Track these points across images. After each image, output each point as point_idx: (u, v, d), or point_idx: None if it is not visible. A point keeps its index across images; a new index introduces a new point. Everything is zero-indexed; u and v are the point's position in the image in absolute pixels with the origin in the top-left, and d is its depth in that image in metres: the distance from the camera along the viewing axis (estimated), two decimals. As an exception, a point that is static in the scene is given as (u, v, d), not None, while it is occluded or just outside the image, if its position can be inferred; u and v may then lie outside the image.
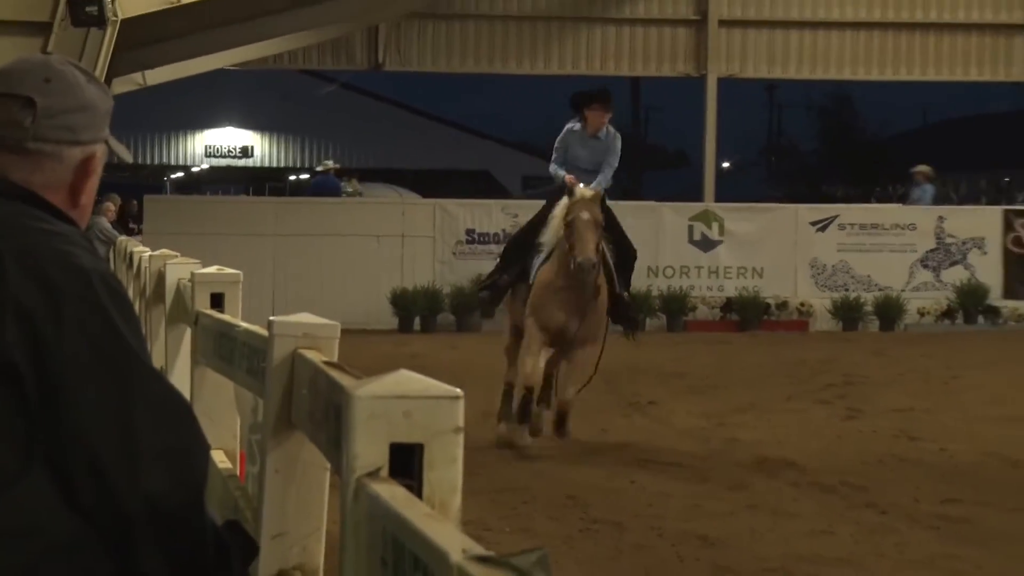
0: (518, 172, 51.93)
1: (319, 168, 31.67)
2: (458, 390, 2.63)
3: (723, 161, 33.87)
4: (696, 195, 30.15)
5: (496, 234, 25.82)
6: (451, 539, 2.15)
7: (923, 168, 28.94)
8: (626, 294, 13.74)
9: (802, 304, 25.94)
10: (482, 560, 2.03)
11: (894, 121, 74.99)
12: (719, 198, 29.67)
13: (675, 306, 25.48)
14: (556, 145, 13.86)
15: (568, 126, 13.84)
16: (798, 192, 53.16)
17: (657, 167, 69.81)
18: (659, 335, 24.45)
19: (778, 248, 26.16)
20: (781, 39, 31.48)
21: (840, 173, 69.59)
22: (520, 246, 13.82)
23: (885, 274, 26.22)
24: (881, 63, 31.83)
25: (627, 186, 61.84)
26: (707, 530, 9.79)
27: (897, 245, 26.55)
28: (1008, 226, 27.17)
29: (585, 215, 12.52)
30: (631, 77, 45.29)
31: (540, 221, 13.51)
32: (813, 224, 26.63)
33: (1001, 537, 9.64)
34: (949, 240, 26.74)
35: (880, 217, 27.41)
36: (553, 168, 13.74)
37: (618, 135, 13.98)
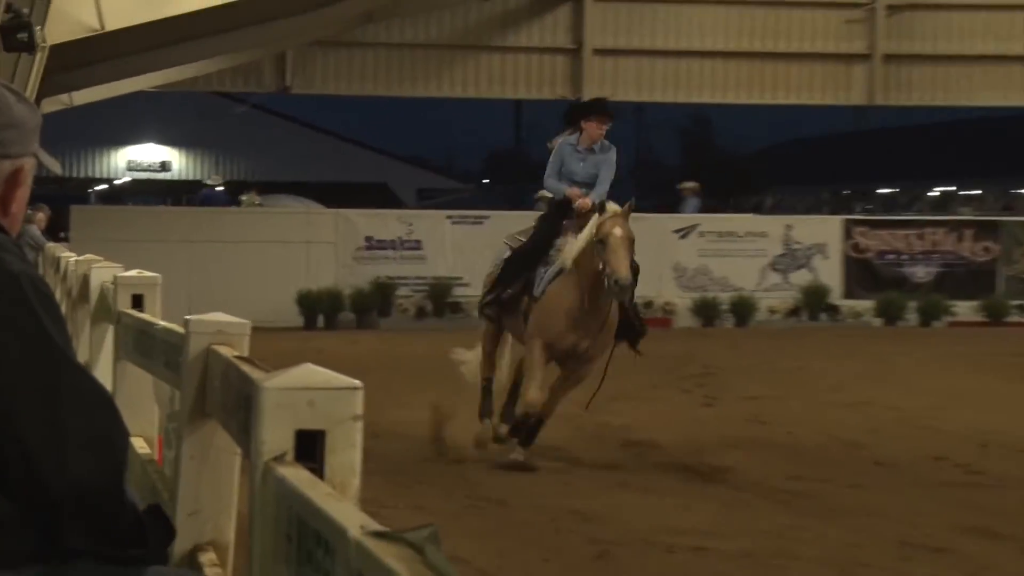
0: (413, 184, 51.96)
1: (208, 182, 31.68)
2: (358, 382, 2.62)
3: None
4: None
5: (392, 241, 25.85)
6: (350, 517, 2.14)
7: (689, 184, 29.60)
8: (633, 309, 12.04)
9: (666, 303, 26.12)
10: (378, 535, 2.02)
11: (748, 140, 75.86)
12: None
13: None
14: (551, 159, 12.16)
15: (562, 139, 12.15)
16: (663, 203, 53.43)
17: (538, 181, 69.91)
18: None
19: (645, 253, 25.96)
20: (648, 66, 31.73)
21: (701, 186, 69.96)
22: (523, 260, 12.01)
23: (740, 276, 26.47)
24: (737, 88, 32.16)
25: (513, 197, 62.01)
26: (582, 506, 9.82)
27: (750, 251, 26.83)
28: (847, 234, 27.56)
29: (619, 231, 11.02)
30: (514, 100, 45.48)
31: (546, 234, 11.93)
32: (676, 232, 26.85)
33: (841, 510, 9.76)
34: (796, 246, 27.06)
35: (735, 226, 27.68)
36: (552, 183, 12.09)
37: (614, 147, 12.19)
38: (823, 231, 27.70)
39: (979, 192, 64.94)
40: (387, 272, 25.59)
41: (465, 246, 25.89)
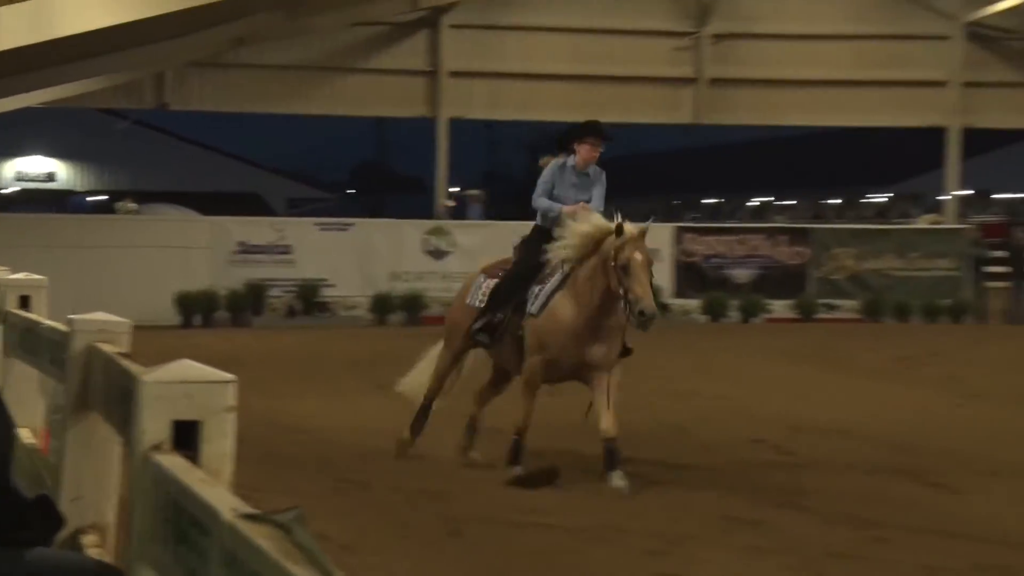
0: (284, 194, 51.69)
1: (75, 191, 31.53)
2: (231, 375, 2.61)
3: (452, 186, 34.09)
4: (430, 214, 30.35)
5: (264, 246, 25.66)
6: (223, 500, 2.14)
7: (474, 192, 30.12)
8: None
9: (515, 303, 26.20)
10: (249, 517, 2.02)
11: (589, 155, 75.82)
12: (449, 216, 29.93)
13: (413, 304, 25.53)
14: (544, 179, 10.98)
15: (555, 161, 10.98)
16: (512, 211, 53.68)
17: (399, 192, 69.89)
18: (400, 328, 24.53)
19: (496, 257, 26.33)
20: (499, 87, 31.89)
21: (546, 196, 70.45)
22: (513, 285, 10.94)
23: (581, 278, 26.66)
24: (579, 107, 32.24)
25: (375, 206, 61.86)
26: (437, 487, 9.83)
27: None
28: (678, 239, 27.92)
29: (639, 256, 9.87)
30: (376, 117, 45.38)
31: (535, 259, 10.82)
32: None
33: (669, 488, 9.89)
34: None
35: (577, 232, 27.87)
36: (545, 203, 10.92)
37: (603, 172, 11.00)
38: (656, 237, 27.79)
39: (793, 202, 66.17)
40: (259, 274, 25.39)
41: (332, 250, 25.78)
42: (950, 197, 33.90)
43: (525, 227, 29.44)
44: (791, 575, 7.50)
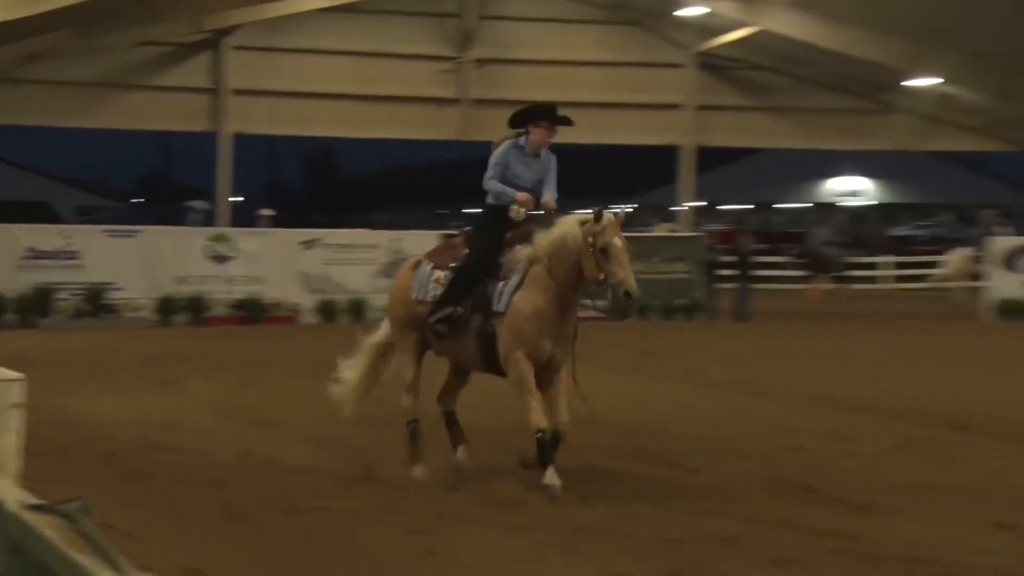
0: (72, 203, 50.34)
1: None
2: (19, 374, 2.53)
3: (235, 196, 33.66)
4: (214, 222, 29.96)
5: (52, 251, 24.92)
6: (9, 492, 2.06)
7: (196, 203, 30.49)
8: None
9: (294, 304, 26.02)
10: (35, 508, 1.95)
11: (363, 167, 76.41)
12: (232, 224, 29.57)
13: (197, 306, 25.10)
14: (495, 160, 9.73)
15: (508, 142, 9.79)
16: (291, 219, 53.22)
17: (185, 201, 68.63)
18: (184, 329, 24.10)
19: (276, 262, 26.16)
20: (278, 105, 31.76)
21: (323, 205, 70.60)
22: (471, 275, 9.69)
23: (355, 281, 26.60)
24: (353, 123, 32.46)
25: (161, 214, 60.51)
26: (219, 476, 9.65)
27: (364, 260, 26.99)
28: (444, 245, 28.11)
29: (618, 242, 9.15)
30: (163, 131, 44.49)
31: (492, 247, 9.69)
32: (302, 244, 26.77)
33: (436, 471, 9.89)
34: (402, 256, 27.37)
35: (352, 239, 27.80)
36: (497, 186, 9.68)
37: (553, 156, 9.92)
38: (423, 243, 28.04)
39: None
40: (48, 279, 24.64)
41: (119, 256, 25.16)
42: (684, 208, 34.97)
43: (304, 235, 29.14)
44: (546, 549, 7.60)
